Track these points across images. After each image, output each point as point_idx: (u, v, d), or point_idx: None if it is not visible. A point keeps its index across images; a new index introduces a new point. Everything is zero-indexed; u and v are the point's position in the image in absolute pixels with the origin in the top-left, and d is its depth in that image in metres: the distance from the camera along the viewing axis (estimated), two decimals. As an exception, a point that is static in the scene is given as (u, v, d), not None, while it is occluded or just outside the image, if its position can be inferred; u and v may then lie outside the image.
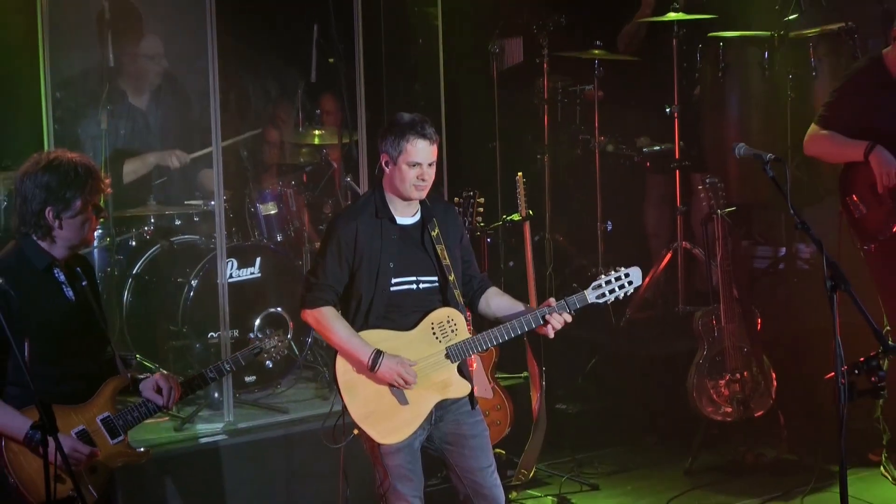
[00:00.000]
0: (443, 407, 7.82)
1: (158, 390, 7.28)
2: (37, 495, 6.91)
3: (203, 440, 9.74)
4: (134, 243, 10.24)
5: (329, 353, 10.16)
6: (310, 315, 7.76)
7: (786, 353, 10.50)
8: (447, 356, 7.76)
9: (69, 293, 7.17)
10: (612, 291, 7.89)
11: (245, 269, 10.08)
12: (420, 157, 7.61)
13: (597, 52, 11.32)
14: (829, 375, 7.61)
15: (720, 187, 10.27)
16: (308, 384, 10.40)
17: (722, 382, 10.33)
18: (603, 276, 7.92)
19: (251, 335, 9.90)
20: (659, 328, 11.32)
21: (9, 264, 7.04)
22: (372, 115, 10.28)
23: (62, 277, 7.17)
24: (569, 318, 7.82)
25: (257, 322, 10.08)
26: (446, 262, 7.77)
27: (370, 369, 7.63)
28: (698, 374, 10.35)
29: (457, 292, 7.82)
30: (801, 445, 10.20)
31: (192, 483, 9.60)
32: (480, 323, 8.06)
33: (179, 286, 10.03)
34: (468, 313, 7.97)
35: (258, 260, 10.17)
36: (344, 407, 7.79)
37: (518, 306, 7.88)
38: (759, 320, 10.39)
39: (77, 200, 7.06)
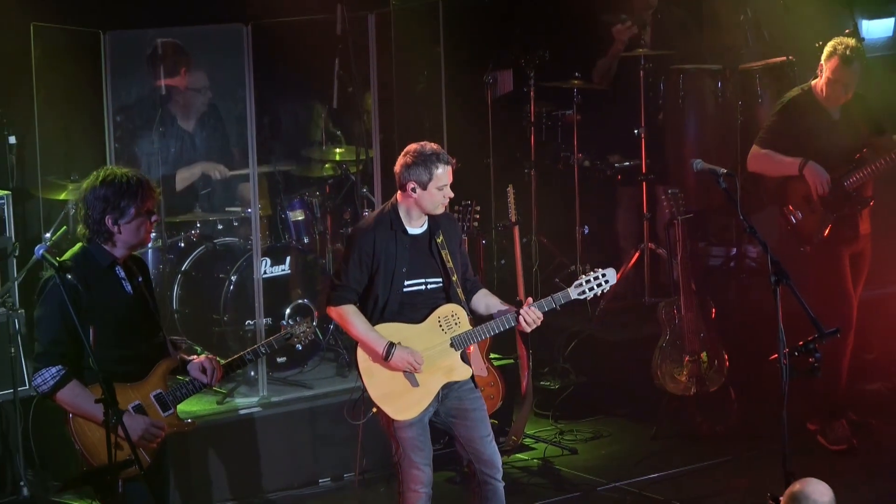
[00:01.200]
0: (448, 387, 7.86)
1: (203, 370, 7.30)
2: (97, 459, 6.94)
3: (241, 412, 9.79)
4: (182, 245, 10.24)
5: (348, 337, 10.14)
6: (334, 311, 7.83)
7: (736, 338, 10.51)
8: (451, 345, 7.83)
9: (128, 287, 7.18)
10: (591, 289, 7.95)
11: (277, 267, 10.07)
12: (446, 180, 7.73)
13: (575, 82, 11.32)
14: (773, 357, 7.64)
15: (680, 197, 10.29)
16: (330, 364, 10.38)
17: (682, 363, 10.33)
18: (583, 276, 7.98)
19: (282, 322, 9.89)
20: (628, 316, 11.32)
21: (77, 263, 7.04)
22: (385, 136, 10.31)
23: (122, 274, 7.18)
24: (540, 316, 7.85)
25: (287, 311, 10.06)
26: (450, 265, 7.84)
27: (384, 359, 7.70)
28: (662, 356, 10.37)
29: (459, 290, 7.88)
30: (749, 416, 10.19)
31: (231, 449, 9.66)
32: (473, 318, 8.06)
33: (221, 281, 10.02)
34: None
35: (288, 258, 10.16)
36: (363, 389, 7.85)
37: (503, 306, 7.94)
38: (714, 310, 10.40)
39: (131, 208, 7.07)
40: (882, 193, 10.21)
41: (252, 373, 9.88)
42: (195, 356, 7.43)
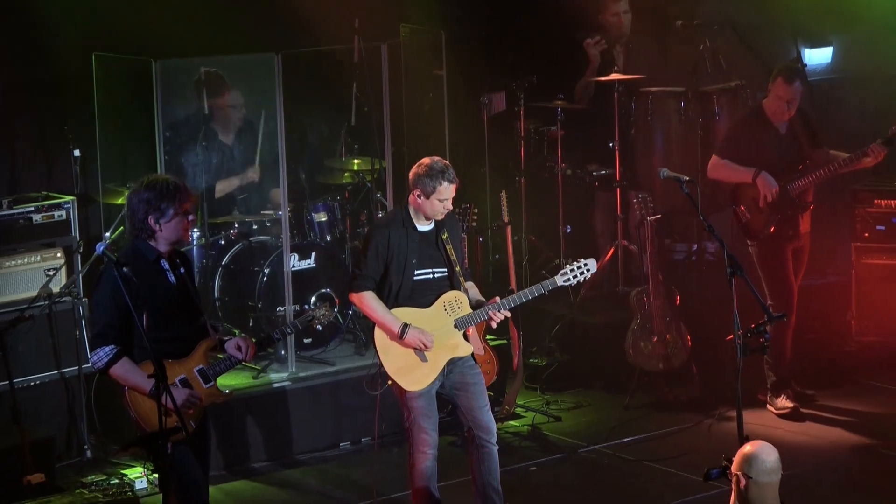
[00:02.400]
0: (452, 363, 7.89)
1: (239, 348, 7.29)
2: (149, 426, 6.93)
3: (274, 385, 9.78)
4: (223, 242, 10.20)
5: (365, 321, 10.14)
6: (355, 297, 7.86)
7: (697, 321, 10.49)
8: (455, 326, 7.84)
9: (171, 278, 7.18)
10: (574, 277, 8.01)
11: (304, 261, 10.05)
12: (447, 195, 7.75)
13: (559, 102, 11.29)
14: (728, 337, 7.63)
15: (649, 201, 10.30)
16: (349, 344, 10.36)
17: (651, 342, 10.30)
18: (568, 266, 8.03)
19: (307, 308, 9.88)
20: (605, 303, 11.27)
21: (129, 258, 7.04)
22: (395, 149, 10.30)
23: (166, 266, 7.18)
24: (507, 314, 7.94)
25: (313, 299, 10.03)
26: (453, 257, 7.87)
27: (399, 338, 7.73)
28: (633, 337, 10.35)
29: (461, 279, 7.89)
30: (708, 388, 10.17)
31: (265, 417, 9.66)
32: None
33: (256, 273, 9.98)
34: None
35: (313, 254, 10.13)
36: (380, 364, 7.87)
37: (480, 299, 7.99)
38: (678, 297, 10.39)
39: (171, 209, 7.06)
40: (821, 198, 10.22)
41: (283, 352, 9.87)
42: (232, 336, 7.42)
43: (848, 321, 11.03)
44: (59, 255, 9.52)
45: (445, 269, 7.90)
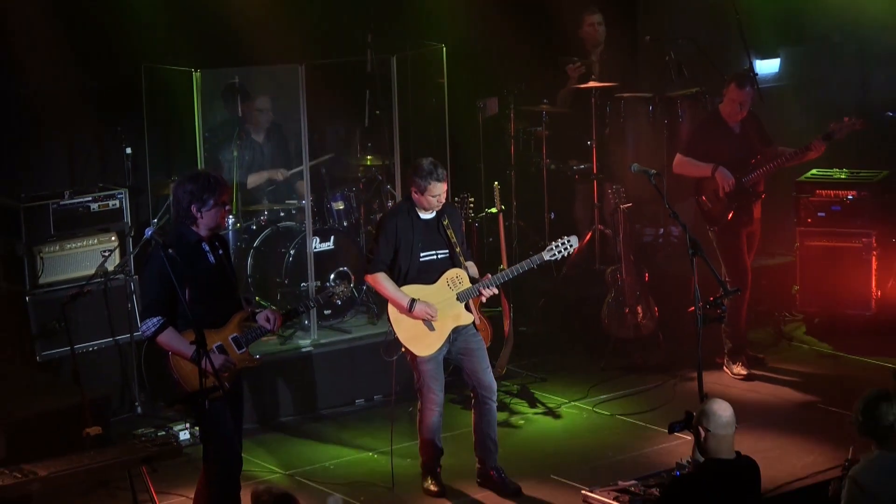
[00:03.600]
0: (457, 331, 7.92)
1: (268, 319, 7.27)
2: (190, 386, 6.93)
3: (301, 350, 9.77)
4: (254, 227, 10.17)
5: (378, 296, 10.10)
6: (370, 278, 7.92)
7: (663, 295, 10.45)
8: (457, 298, 7.88)
9: (211, 258, 7.15)
10: (559, 252, 8.07)
11: (324, 244, 10.01)
12: (438, 192, 7.76)
13: (544, 106, 11.26)
14: (690, 309, 7.63)
15: (622, 191, 10.26)
16: (363, 315, 10.31)
17: (623, 314, 10.28)
18: (553, 242, 8.07)
19: (327, 284, 9.85)
20: (583, 279, 11.24)
21: (174, 241, 7.03)
22: (403, 147, 10.25)
23: (206, 248, 7.15)
24: (495, 291, 7.98)
25: (332, 276, 10.00)
26: (453, 240, 7.89)
27: (408, 311, 7.76)
28: (608, 308, 10.34)
29: (461, 259, 7.90)
30: (673, 354, 10.14)
31: (291, 377, 9.68)
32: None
33: (283, 254, 9.95)
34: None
35: (332, 237, 10.09)
36: (393, 333, 7.89)
37: (476, 275, 8.00)
38: (647, 274, 10.37)
39: (211, 200, 7.03)
40: (771, 189, 10.19)
41: (306, 322, 9.83)
42: (262, 309, 7.40)
43: (793, 295, 11.00)
44: (113, 238, 9.50)
45: (447, 251, 7.90)
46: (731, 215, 9.80)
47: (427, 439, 8.04)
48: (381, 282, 7.86)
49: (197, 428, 8.21)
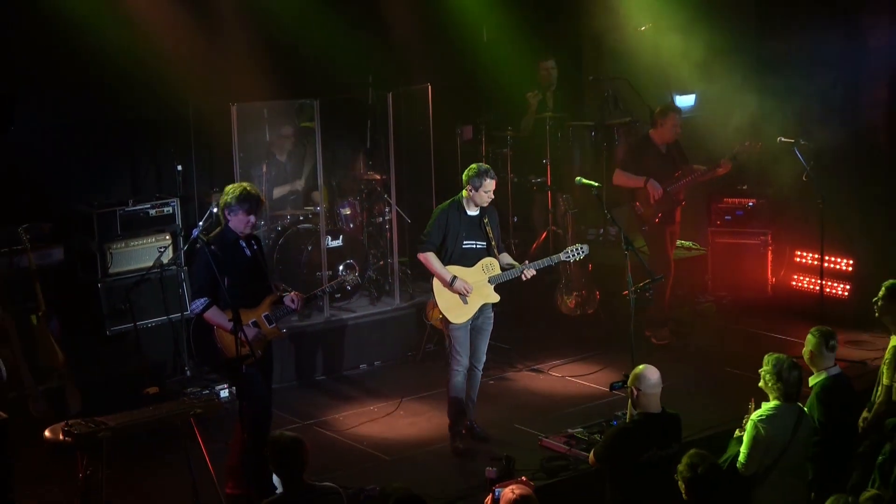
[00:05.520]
0: (482, 308, 7.86)
1: (293, 301, 7.28)
2: (229, 353, 6.93)
3: (319, 324, 9.74)
4: (279, 228, 10.14)
5: (378, 282, 10.11)
6: (422, 256, 7.81)
7: (603, 281, 10.47)
8: (489, 281, 7.82)
9: (247, 252, 7.17)
10: (573, 255, 7.97)
11: (334, 242, 9.99)
12: (490, 188, 7.72)
13: (509, 132, 11.26)
14: (625, 293, 7.62)
15: (570, 200, 10.29)
16: (365, 298, 10.29)
17: (571, 296, 10.29)
18: (570, 247, 8.00)
19: (339, 273, 9.84)
20: (540, 269, 11.18)
21: (217, 239, 7.07)
22: (397, 164, 10.23)
23: (243, 245, 7.18)
24: (534, 272, 7.88)
25: (341, 267, 9.97)
26: (490, 235, 7.83)
27: (450, 285, 7.70)
28: (560, 292, 10.35)
29: (495, 251, 7.87)
30: (611, 328, 10.12)
31: (310, 346, 9.65)
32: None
33: (302, 250, 9.93)
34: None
35: (341, 237, 10.06)
36: (435, 303, 7.82)
37: (514, 264, 7.92)
38: (590, 265, 10.38)
39: (240, 210, 7.06)
40: (690, 197, 10.22)
41: (321, 304, 9.82)
42: (287, 293, 7.40)
43: (706, 281, 11.04)
44: (167, 237, 9.47)
45: (485, 243, 7.86)
46: (658, 218, 9.83)
47: (453, 397, 7.94)
48: (431, 260, 7.76)
49: (234, 388, 8.21)
